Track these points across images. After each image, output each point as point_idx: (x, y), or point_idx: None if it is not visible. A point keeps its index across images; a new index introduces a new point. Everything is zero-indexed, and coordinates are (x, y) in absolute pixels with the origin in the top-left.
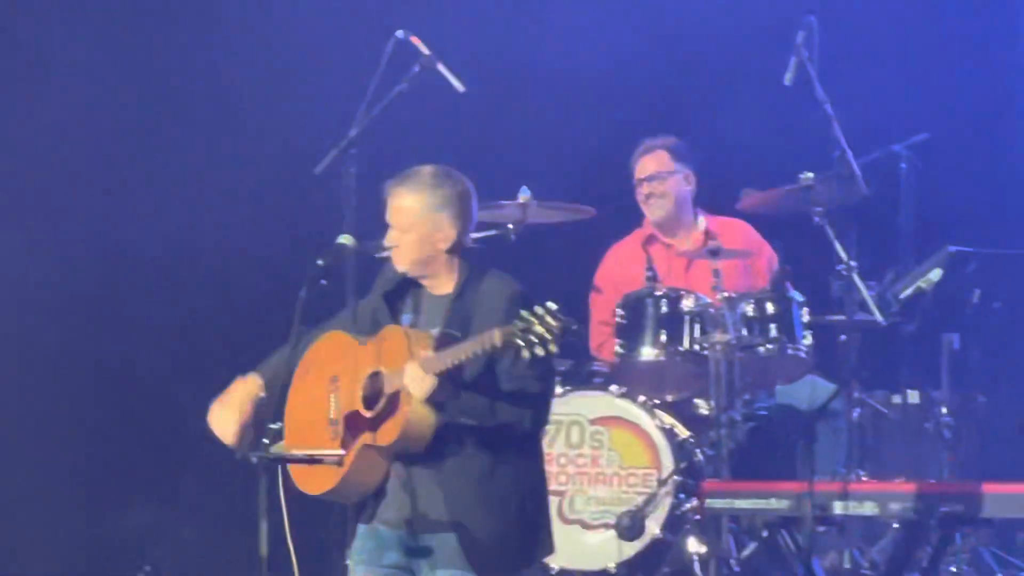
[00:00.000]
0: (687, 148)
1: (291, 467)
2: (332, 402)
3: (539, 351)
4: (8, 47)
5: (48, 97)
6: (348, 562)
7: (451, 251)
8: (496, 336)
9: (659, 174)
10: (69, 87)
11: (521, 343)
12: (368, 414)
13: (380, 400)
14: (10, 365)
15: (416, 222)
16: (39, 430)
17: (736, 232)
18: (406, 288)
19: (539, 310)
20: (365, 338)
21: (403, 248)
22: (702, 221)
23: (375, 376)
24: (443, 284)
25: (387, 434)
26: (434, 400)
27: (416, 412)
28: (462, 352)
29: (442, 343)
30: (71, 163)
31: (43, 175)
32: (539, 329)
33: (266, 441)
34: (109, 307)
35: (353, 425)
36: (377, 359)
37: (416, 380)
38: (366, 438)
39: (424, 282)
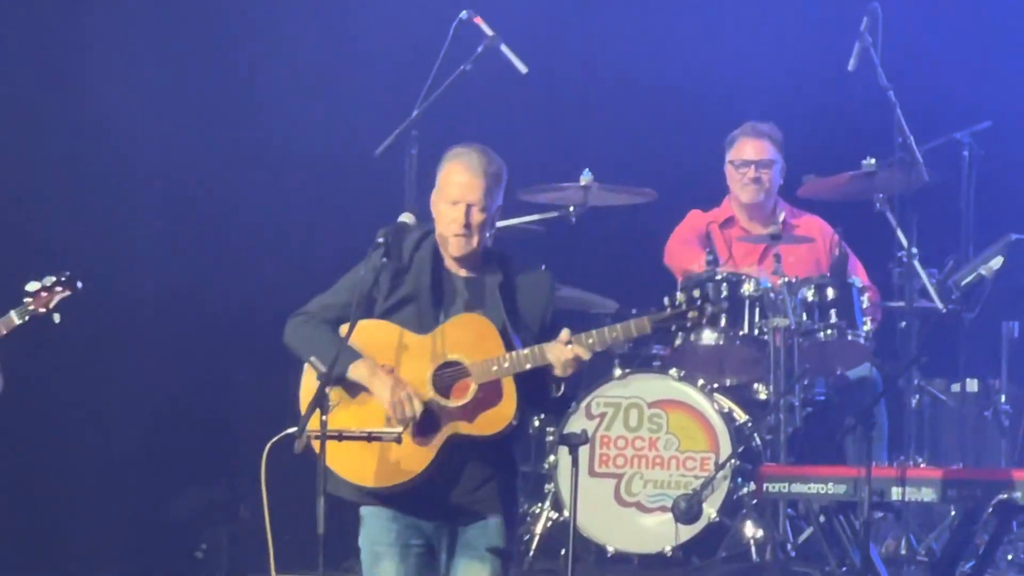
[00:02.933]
0: (783, 139)
1: (347, 463)
2: None
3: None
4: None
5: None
6: (366, 546)
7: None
8: (647, 324)
9: (765, 160)
10: (145, 75)
11: (674, 327)
12: (451, 403)
13: (465, 389)
14: (73, 355)
15: (493, 201)
16: (99, 415)
17: (812, 227)
18: (439, 269)
19: (695, 293)
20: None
21: (478, 228)
22: (782, 213)
23: (448, 366)
24: (475, 266)
25: (492, 424)
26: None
27: (521, 401)
28: (608, 336)
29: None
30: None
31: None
32: (693, 314)
33: (324, 418)
34: (167, 293)
35: (425, 414)
36: (448, 348)
37: (568, 363)
38: (456, 427)
39: (454, 264)
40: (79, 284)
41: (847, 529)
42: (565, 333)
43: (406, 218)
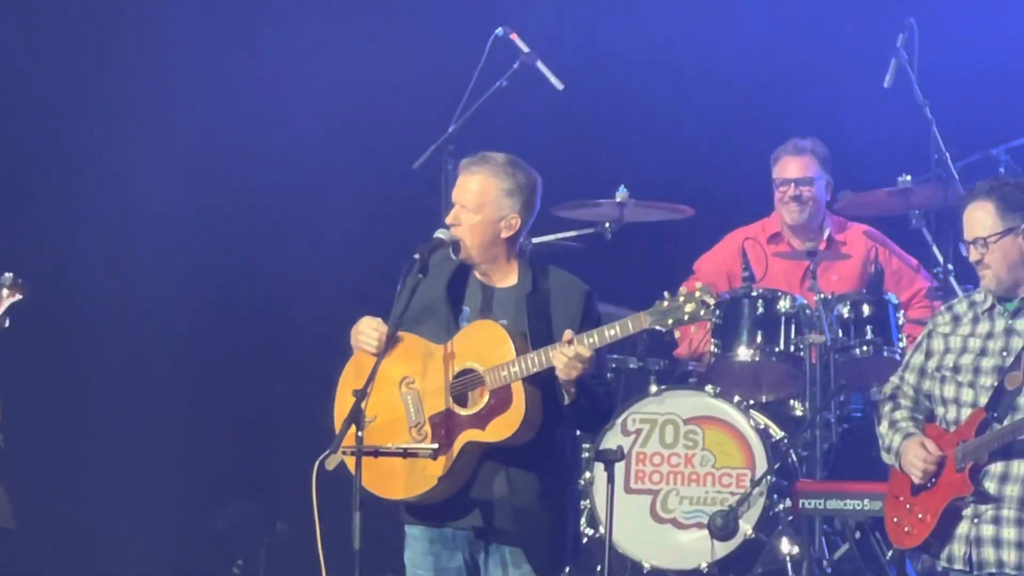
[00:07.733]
0: (828, 155)
1: (368, 474)
2: (409, 403)
3: (702, 317)
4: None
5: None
6: (408, 567)
7: (510, 242)
8: (644, 319)
9: (806, 178)
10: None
11: (671, 320)
12: (466, 411)
13: (480, 396)
14: (113, 364)
15: (485, 203)
16: (139, 427)
17: (855, 242)
18: (462, 278)
19: (696, 285)
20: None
21: (465, 229)
22: (827, 229)
23: (464, 374)
24: (503, 276)
25: (500, 430)
26: (567, 384)
27: (532, 406)
28: (607, 334)
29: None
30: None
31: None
32: (690, 307)
33: (360, 434)
34: (207, 307)
35: (442, 424)
36: (464, 356)
37: (570, 362)
38: (469, 435)
39: (479, 272)
40: (29, 289)
41: (883, 545)
42: (568, 333)
43: (442, 234)
